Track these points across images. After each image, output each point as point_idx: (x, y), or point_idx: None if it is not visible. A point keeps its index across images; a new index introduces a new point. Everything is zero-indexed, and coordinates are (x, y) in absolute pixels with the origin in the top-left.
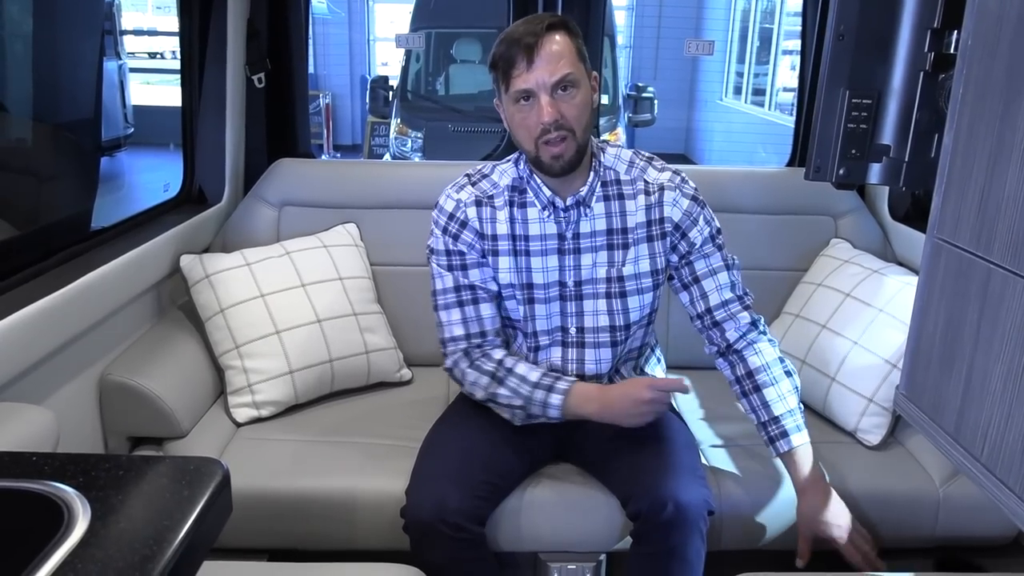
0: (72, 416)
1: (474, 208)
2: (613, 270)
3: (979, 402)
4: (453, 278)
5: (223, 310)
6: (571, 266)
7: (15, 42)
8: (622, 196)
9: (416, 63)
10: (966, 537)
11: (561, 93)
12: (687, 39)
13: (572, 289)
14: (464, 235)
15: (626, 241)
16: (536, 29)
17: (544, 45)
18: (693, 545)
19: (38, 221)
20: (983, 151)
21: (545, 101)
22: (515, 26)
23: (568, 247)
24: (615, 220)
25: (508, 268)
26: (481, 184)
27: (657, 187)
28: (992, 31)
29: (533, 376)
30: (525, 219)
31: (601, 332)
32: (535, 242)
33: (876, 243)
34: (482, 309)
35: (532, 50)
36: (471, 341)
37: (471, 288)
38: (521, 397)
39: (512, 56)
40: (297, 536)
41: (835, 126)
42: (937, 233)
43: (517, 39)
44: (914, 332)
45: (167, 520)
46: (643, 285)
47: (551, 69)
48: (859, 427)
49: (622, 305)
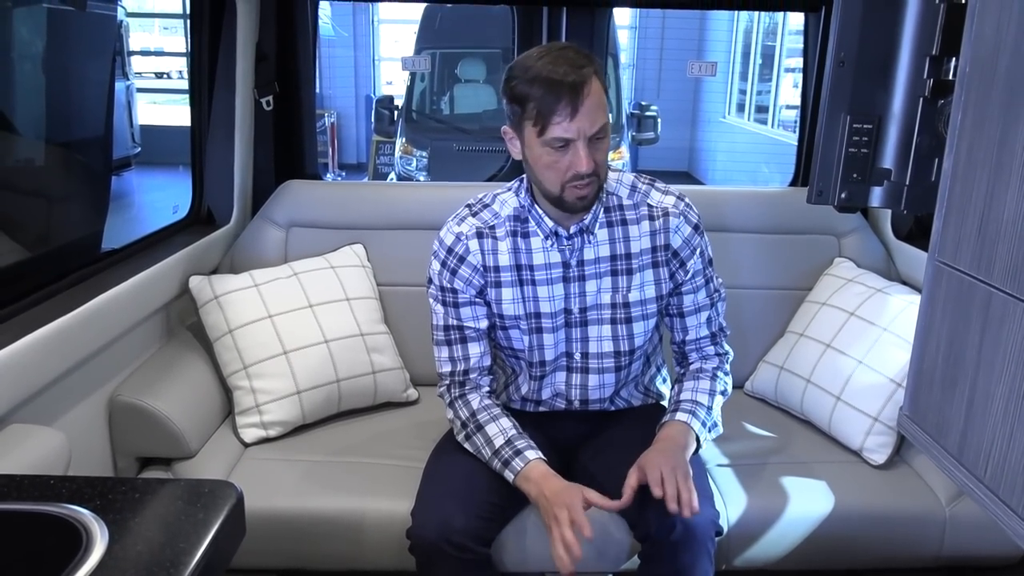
0: (82, 437)
1: (476, 240)
2: (618, 296)
3: (982, 423)
4: (444, 315)
5: (231, 331)
6: (576, 293)
7: (25, 63)
8: (625, 222)
9: (421, 83)
10: (972, 557)
11: (595, 142)
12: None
13: (577, 316)
14: (462, 270)
15: (630, 267)
16: (577, 76)
17: (587, 94)
18: (701, 566)
19: (49, 243)
20: (982, 175)
21: (585, 152)
22: (548, 63)
23: (573, 275)
24: (619, 246)
25: (512, 299)
26: (482, 215)
27: (661, 212)
28: (989, 58)
29: (497, 442)
30: (529, 248)
31: (605, 358)
32: (540, 271)
33: (880, 262)
34: (469, 348)
35: (577, 98)
36: (454, 378)
37: (459, 328)
38: (483, 456)
39: (552, 101)
40: (305, 556)
41: (837, 150)
42: (938, 256)
43: (558, 82)
44: (917, 353)
45: (183, 543)
46: (648, 311)
47: (592, 119)
48: (864, 446)
49: (627, 331)
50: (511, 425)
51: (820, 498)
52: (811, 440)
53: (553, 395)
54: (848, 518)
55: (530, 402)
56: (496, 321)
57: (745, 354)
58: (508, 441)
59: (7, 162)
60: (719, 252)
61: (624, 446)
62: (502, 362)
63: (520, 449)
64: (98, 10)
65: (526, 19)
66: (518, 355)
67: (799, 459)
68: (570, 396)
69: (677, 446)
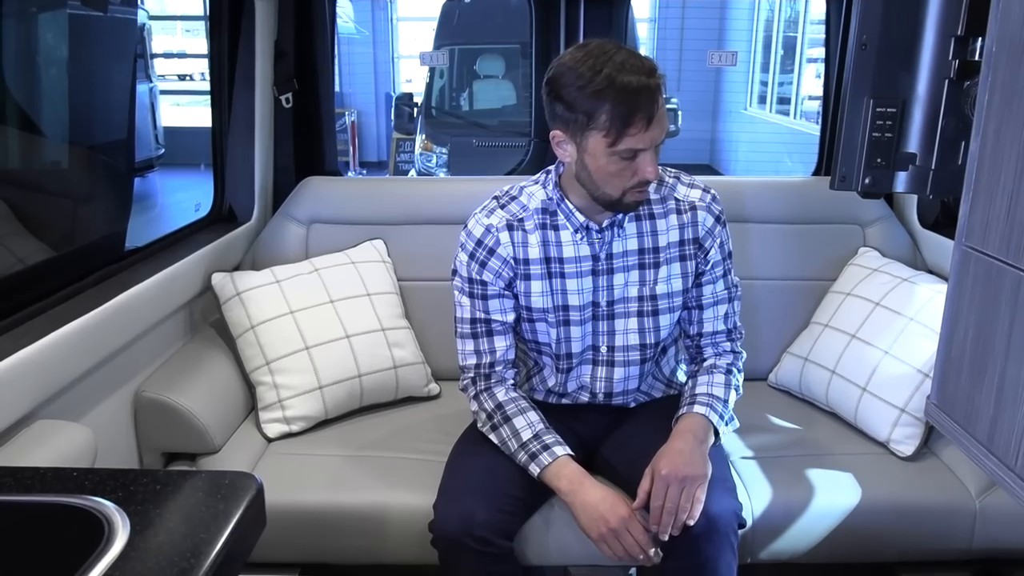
0: (108, 432)
1: (506, 232)
2: (646, 288)
3: (1012, 410)
4: (471, 307)
5: (254, 327)
6: (604, 286)
7: (50, 67)
8: (653, 216)
9: (440, 79)
10: (1004, 550)
11: (658, 147)
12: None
13: (604, 309)
14: (491, 263)
15: (657, 260)
16: (649, 82)
17: (659, 102)
18: (724, 559)
19: (74, 242)
20: (1010, 157)
21: (651, 159)
22: (615, 71)
23: (602, 268)
24: (646, 240)
25: (541, 292)
26: (510, 207)
27: (688, 205)
28: (1017, 36)
29: (524, 435)
30: (558, 241)
31: (631, 350)
32: (570, 264)
33: (905, 251)
34: (496, 341)
35: (653, 107)
36: (479, 371)
37: (487, 321)
38: (508, 448)
39: (628, 112)
40: (328, 550)
41: (860, 135)
42: (966, 241)
43: (635, 91)
44: (944, 341)
45: (204, 533)
46: (675, 303)
47: (663, 127)
48: (892, 438)
49: (653, 323)
50: (539, 419)
51: (846, 491)
52: (837, 432)
53: (578, 388)
54: (875, 511)
55: (554, 394)
56: (523, 314)
57: (769, 346)
58: (536, 435)
59: (33, 164)
60: (742, 243)
61: (645, 439)
62: (524, 355)
63: (548, 444)
64: (119, 14)
65: (544, 12)
66: (542, 348)
67: (825, 451)
68: (595, 389)
69: (696, 440)
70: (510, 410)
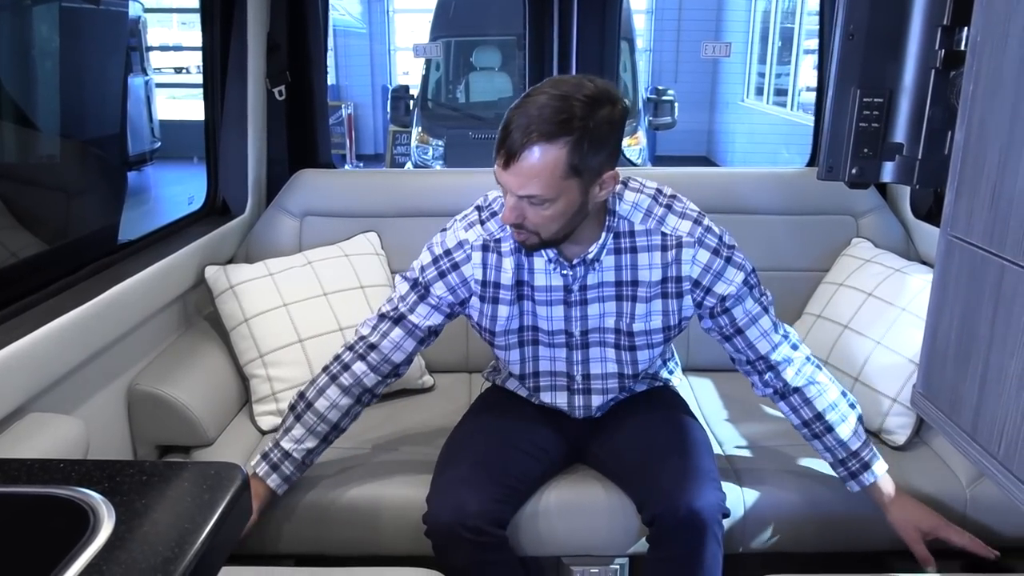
0: (102, 426)
1: (480, 253)
2: (623, 322)
3: (995, 399)
4: (401, 297)
5: (247, 320)
6: (578, 316)
7: (45, 60)
8: (635, 249)
9: (436, 72)
10: (995, 537)
11: (530, 203)
12: (703, 42)
13: (579, 338)
14: (450, 277)
15: (636, 294)
16: (531, 135)
17: (526, 159)
18: (709, 549)
19: (67, 236)
20: (994, 147)
21: (509, 203)
22: (525, 104)
23: (575, 299)
24: (625, 273)
25: (508, 316)
26: (490, 225)
27: (675, 241)
28: (1001, 27)
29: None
30: (532, 268)
31: (609, 378)
32: (540, 292)
33: (898, 242)
34: (393, 333)
35: (514, 154)
36: (360, 342)
37: (403, 316)
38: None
39: (499, 141)
40: (323, 542)
41: (847, 125)
42: (951, 231)
43: (510, 130)
44: (930, 330)
45: (188, 523)
46: (654, 340)
47: (520, 184)
48: (884, 427)
49: (631, 357)
50: (315, 444)
51: (838, 480)
52: None
53: (553, 404)
54: (867, 499)
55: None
56: (484, 336)
57: None
58: (287, 453)
59: (25, 157)
60: (735, 234)
61: (631, 429)
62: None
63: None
64: (110, 6)
65: (537, 4)
66: (511, 371)
67: None
68: (573, 413)
69: (905, 501)
70: (320, 405)
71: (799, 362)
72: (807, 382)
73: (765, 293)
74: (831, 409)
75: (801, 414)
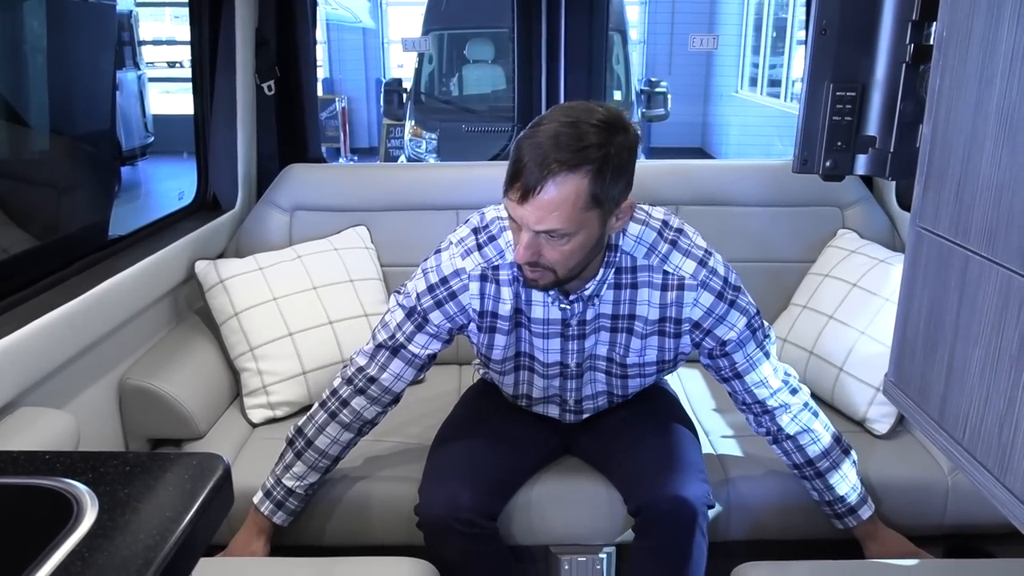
0: (93, 420)
1: (478, 283)
2: (616, 352)
3: (960, 387)
4: (398, 326)
5: (237, 314)
6: (574, 350)
7: (36, 56)
8: (635, 285)
9: (429, 65)
10: (975, 524)
11: (548, 238)
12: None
13: (574, 369)
14: (448, 306)
15: (631, 327)
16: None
17: (548, 191)
18: (693, 539)
19: (57, 231)
20: (959, 140)
21: (524, 241)
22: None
23: (572, 333)
24: (623, 307)
25: (504, 346)
26: (487, 251)
27: (677, 282)
28: (964, 22)
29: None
30: (530, 299)
31: (600, 398)
32: (537, 325)
33: (884, 233)
34: (393, 364)
35: (533, 187)
36: (359, 376)
37: (401, 346)
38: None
39: (512, 174)
40: (315, 533)
41: (821, 119)
42: (919, 222)
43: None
44: (900, 320)
45: (170, 512)
46: (646, 371)
47: (539, 218)
48: (867, 416)
49: (622, 384)
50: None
51: None
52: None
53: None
54: None
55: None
56: (480, 358)
57: None
58: (291, 491)
59: (16, 153)
60: (722, 226)
61: (619, 422)
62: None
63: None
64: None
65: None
66: (505, 394)
67: None
68: (563, 419)
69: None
70: (321, 442)
71: (796, 408)
72: (801, 429)
73: (768, 335)
74: (823, 457)
75: (793, 458)
